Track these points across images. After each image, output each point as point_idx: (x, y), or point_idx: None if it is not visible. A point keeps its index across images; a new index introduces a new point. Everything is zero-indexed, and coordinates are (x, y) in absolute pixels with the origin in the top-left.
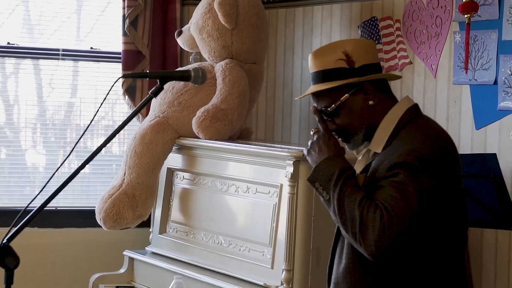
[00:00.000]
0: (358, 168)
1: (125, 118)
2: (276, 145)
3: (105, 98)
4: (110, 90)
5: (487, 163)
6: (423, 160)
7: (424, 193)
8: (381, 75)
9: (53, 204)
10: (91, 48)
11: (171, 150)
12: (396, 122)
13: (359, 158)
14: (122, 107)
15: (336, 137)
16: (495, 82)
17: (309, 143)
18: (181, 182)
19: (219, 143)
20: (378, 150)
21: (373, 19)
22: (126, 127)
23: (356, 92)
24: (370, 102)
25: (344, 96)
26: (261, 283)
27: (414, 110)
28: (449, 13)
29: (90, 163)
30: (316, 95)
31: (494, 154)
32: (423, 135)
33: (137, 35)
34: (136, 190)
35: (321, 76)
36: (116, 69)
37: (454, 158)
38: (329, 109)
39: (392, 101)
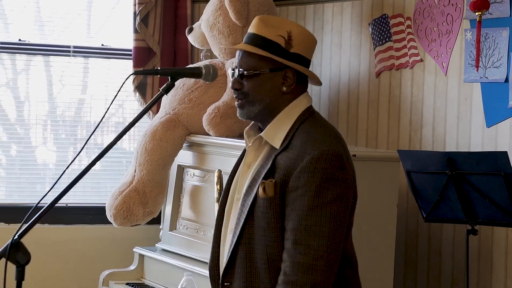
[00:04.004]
0: (250, 156)
1: (135, 115)
2: None
3: (116, 95)
4: (121, 87)
5: (498, 161)
6: (334, 158)
7: (344, 190)
8: (307, 70)
9: (63, 201)
10: (102, 45)
11: (181, 147)
12: (293, 120)
13: (250, 144)
14: (132, 104)
15: (235, 95)
16: (506, 80)
17: None
18: (192, 179)
19: (230, 140)
20: (275, 144)
21: (384, 16)
22: (136, 124)
23: (276, 72)
24: (284, 89)
25: (264, 70)
26: None
27: (309, 110)
28: (460, 11)
29: (100, 159)
30: (243, 52)
31: (505, 152)
32: (324, 134)
33: (148, 32)
34: (146, 187)
35: (257, 40)
36: (126, 66)
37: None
38: (245, 72)
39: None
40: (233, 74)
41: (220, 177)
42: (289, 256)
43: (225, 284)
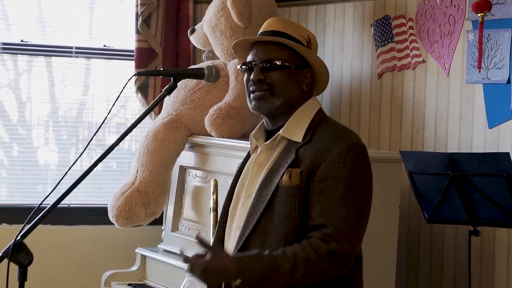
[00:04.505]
0: (262, 156)
1: (137, 115)
2: None
3: (118, 96)
4: (123, 88)
5: (500, 162)
6: (362, 152)
7: (370, 187)
8: (327, 73)
9: (65, 202)
10: (104, 45)
11: (183, 148)
12: (311, 118)
13: (266, 143)
14: (135, 105)
15: (254, 88)
16: (508, 81)
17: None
18: (194, 180)
19: (232, 141)
20: (296, 138)
21: (386, 17)
22: (138, 125)
23: (299, 70)
24: (304, 87)
25: (291, 65)
26: None
27: (322, 112)
28: (462, 12)
29: (102, 160)
30: (267, 43)
31: (507, 153)
32: (347, 131)
33: (150, 33)
34: (148, 187)
35: (285, 36)
36: (128, 67)
37: None
38: (278, 62)
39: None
40: (251, 67)
41: (216, 186)
42: (322, 241)
43: None
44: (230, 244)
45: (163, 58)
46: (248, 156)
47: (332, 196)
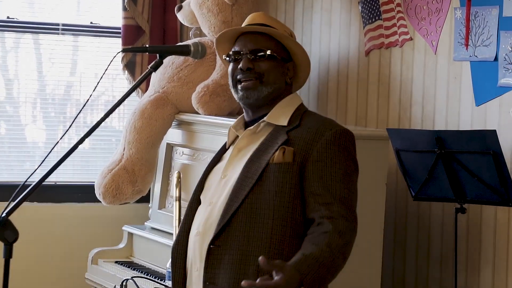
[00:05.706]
0: (243, 142)
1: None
2: None
3: (104, 73)
4: (109, 64)
5: (486, 139)
6: (352, 140)
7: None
8: (309, 67)
9: (52, 179)
10: (91, 23)
11: (170, 126)
12: (295, 107)
13: (253, 129)
14: (122, 83)
15: (242, 77)
16: (496, 59)
17: None
18: (181, 157)
19: (219, 118)
20: (281, 122)
21: None
22: (125, 102)
23: (283, 62)
24: (288, 79)
25: (279, 56)
26: None
27: (304, 106)
28: None
29: (89, 138)
30: (254, 34)
31: (494, 131)
32: (331, 119)
33: (137, 10)
34: (135, 165)
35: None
36: (116, 44)
37: None
38: (269, 52)
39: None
40: (237, 57)
41: (179, 179)
42: (331, 222)
43: (211, 246)
44: (198, 220)
45: (150, 36)
46: (223, 150)
47: (332, 176)
